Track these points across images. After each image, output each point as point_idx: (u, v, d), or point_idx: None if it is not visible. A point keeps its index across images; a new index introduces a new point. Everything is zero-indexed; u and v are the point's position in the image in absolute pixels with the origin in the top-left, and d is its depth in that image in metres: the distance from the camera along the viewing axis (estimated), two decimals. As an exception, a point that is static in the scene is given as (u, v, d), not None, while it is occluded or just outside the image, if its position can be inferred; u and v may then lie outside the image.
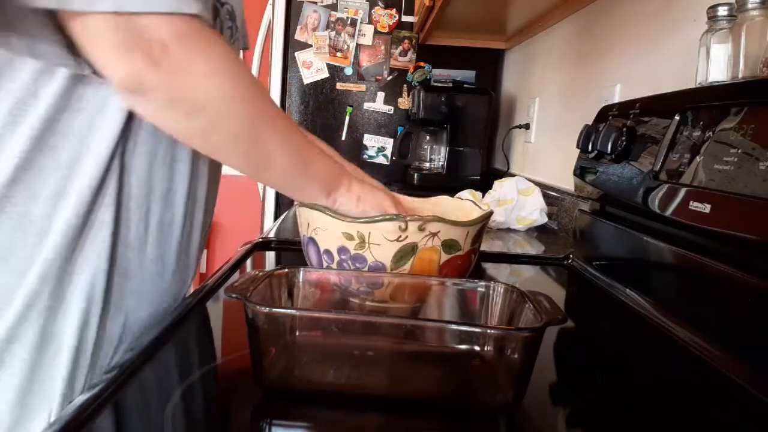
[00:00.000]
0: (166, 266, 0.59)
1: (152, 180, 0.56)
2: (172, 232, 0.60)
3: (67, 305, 0.51)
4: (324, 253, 0.61)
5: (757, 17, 0.60)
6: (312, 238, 0.62)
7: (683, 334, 0.59)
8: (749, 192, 0.51)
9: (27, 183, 0.49)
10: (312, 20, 2.19)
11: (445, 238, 0.60)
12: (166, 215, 0.58)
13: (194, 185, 0.61)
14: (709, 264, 0.56)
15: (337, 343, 0.44)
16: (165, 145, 0.56)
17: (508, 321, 0.48)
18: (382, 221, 0.58)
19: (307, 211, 0.61)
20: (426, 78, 2.23)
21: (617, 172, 0.78)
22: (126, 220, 0.55)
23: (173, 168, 0.58)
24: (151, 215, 0.57)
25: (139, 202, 0.55)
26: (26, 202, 0.49)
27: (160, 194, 0.57)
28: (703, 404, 0.48)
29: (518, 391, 0.42)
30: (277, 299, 0.49)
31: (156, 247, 0.58)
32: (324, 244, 0.61)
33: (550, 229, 1.26)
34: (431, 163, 2.11)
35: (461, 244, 0.62)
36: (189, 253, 0.63)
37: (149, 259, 0.57)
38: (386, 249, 0.58)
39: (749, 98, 0.56)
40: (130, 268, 0.56)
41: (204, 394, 0.44)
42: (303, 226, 0.64)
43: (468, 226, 0.62)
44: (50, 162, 0.50)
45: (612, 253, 0.80)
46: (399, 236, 0.58)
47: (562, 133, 1.46)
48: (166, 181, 0.58)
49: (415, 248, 0.58)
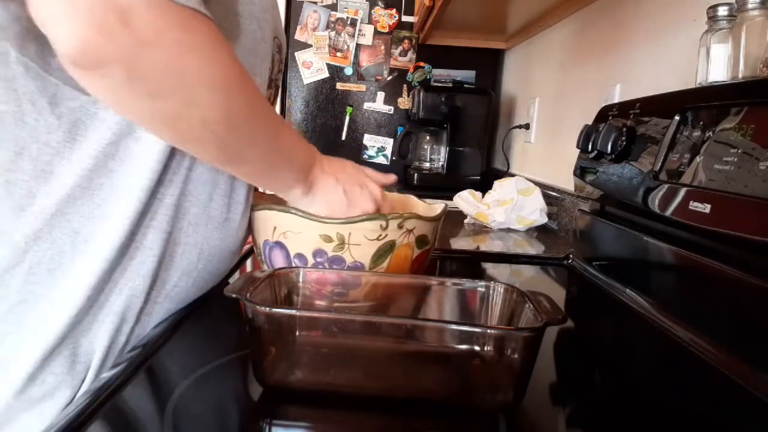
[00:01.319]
0: (203, 288, 0.60)
1: (210, 209, 0.56)
2: (222, 259, 0.60)
3: (99, 324, 0.51)
4: (295, 257, 0.59)
5: (757, 17, 0.60)
6: (279, 242, 0.60)
7: (683, 334, 0.59)
8: (749, 192, 0.51)
9: (83, 201, 0.48)
10: (312, 20, 2.19)
11: (419, 233, 0.60)
12: (222, 244, 0.58)
13: (246, 212, 0.61)
14: (709, 264, 0.56)
15: (337, 343, 0.44)
16: (226, 175, 0.56)
17: (508, 321, 0.48)
18: (362, 221, 0.57)
19: (274, 214, 0.59)
20: (426, 78, 2.23)
21: (617, 172, 0.78)
22: (177, 245, 0.54)
23: (232, 197, 0.58)
24: (205, 243, 0.56)
25: (198, 230, 0.55)
26: (80, 219, 0.48)
27: (218, 223, 0.57)
28: (703, 404, 0.48)
29: (518, 391, 0.42)
30: (277, 299, 0.49)
31: (202, 273, 0.58)
32: (296, 248, 0.59)
33: (550, 229, 1.26)
34: (431, 163, 2.11)
35: (429, 239, 0.62)
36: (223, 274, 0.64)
37: (192, 282, 0.58)
38: (366, 248, 0.58)
39: (749, 98, 0.56)
40: (174, 291, 0.56)
41: (204, 394, 0.44)
42: (266, 231, 0.61)
43: (436, 221, 0.63)
44: (107, 183, 0.49)
45: (612, 253, 0.80)
46: (379, 235, 0.58)
47: (562, 133, 1.46)
48: (225, 211, 0.57)
49: (393, 246, 0.58)
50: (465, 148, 1.95)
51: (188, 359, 0.51)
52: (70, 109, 0.47)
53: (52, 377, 0.50)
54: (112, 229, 0.49)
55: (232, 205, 0.58)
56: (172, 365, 0.49)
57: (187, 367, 0.47)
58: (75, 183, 0.48)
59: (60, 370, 0.50)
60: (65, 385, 0.50)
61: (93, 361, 0.51)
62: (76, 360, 0.51)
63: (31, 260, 0.48)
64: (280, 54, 0.66)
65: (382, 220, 0.57)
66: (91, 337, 0.51)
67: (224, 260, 0.61)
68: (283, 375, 0.44)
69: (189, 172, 0.53)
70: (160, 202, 0.52)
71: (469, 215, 1.27)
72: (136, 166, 0.49)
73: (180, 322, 0.57)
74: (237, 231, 0.60)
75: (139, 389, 0.44)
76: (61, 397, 0.50)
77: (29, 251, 0.47)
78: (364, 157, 2.26)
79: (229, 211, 0.58)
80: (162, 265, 0.53)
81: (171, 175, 0.52)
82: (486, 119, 1.95)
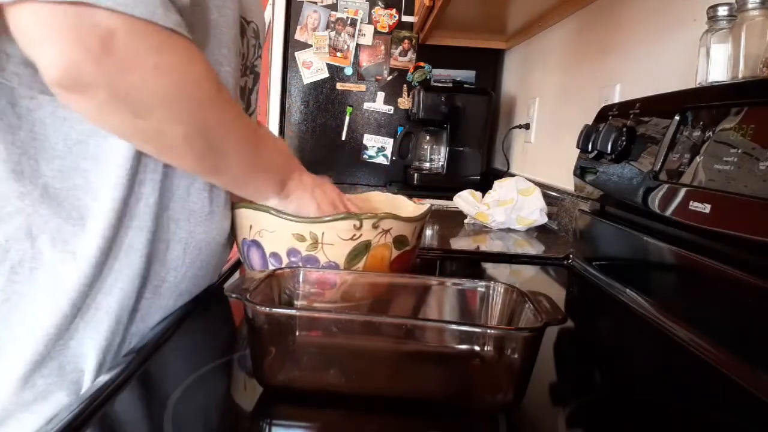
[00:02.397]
0: (196, 284, 0.60)
1: (189, 204, 0.56)
2: (212, 252, 0.60)
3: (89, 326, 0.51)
4: (270, 256, 0.59)
5: (757, 17, 0.60)
6: (255, 241, 0.60)
7: (683, 334, 0.59)
8: (749, 192, 0.51)
9: (59, 202, 0.49)
10: (312, 20, 2.19)
11: (396, 234, 0.60)
12: (207, 237, 0.58)
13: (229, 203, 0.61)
14: (709, 264, 0.56)
15: (337, 343, 0.44)
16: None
17: (508, 321, 0.48)
18: (335, 220, 0.57)
19: (250, 213, 0.60)
20: (426, 78, 2.23)
21: (617, 172, 0.78)
22: (161, 242, 0.54)
23: (212, 190, 0.58)
24: (190, 237, 0.56)
25: (180, 225, 0.55)
26: (57, 221, 0.49)
27: (202, 217, 0.57)
28: (703, 404, 0.48)
29: (518, 391, 0.42)
30: (277, 299, 0.49)
31: (191, 267, 0.58)
32: (270, 247, 0.59)
33: (550, 229, 1.26)
34: (431, 163, 2.11)
35: (410, 240, 0.62)
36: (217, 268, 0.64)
37: (182, 277, 0.58)
38: (340, 248, 0.58)
39: (749, 98, 0.56)
40: (164, 287, 0.56)
41: (204, 394, 0.44)
42: (243, 229, 0.61)
43: (416, 222, 0.62)
44: (81, 183, 0.49)
45: (612, 253, 0.80)
46: (353, 235, 0.58)
47: (562, 133, 1.46)
48: (207, 204, 0.57)
49: (368, 246, 0.58)
50: (465, 148, 1.95)
51: (188, 359, 0.51)
52: (28, 109, 0.48)
53: (42, 380, 0.50)
54: (92, 230, 0.49)
55: (213, 199, 0.58)
56: (172, 365, 0.49)
57: (187, 367, 0.47)
58: (46, 183, 0.48)
59: (49, 373, 0.50)
60: (57, 387, 0.50)
61: (87, 364, 0.51)
62: (66, 362, 0.50)
63: (12, 259, 0.48)
64: (257, 39, 0.66)
65: (355, 220, 0.57)
66: (79, 339, 0.51)
67: (214, 253, 0.61)
68: (282, 375, 0.44)
69: (166, 169, 0.53)
70: (140, 201, 0.52)
71: (469, 215, 1.27)
72: (110, 165, 0.49)
73: (179, 322, 0.57)
74: (222, 223, 0.60)
75: (138, 389, 0.44)
76: (54, 400, 0.50)
77: (11, 250, 0.48)
78: (364, 157, 2.26)
79: (212, 204, 0.58)
80: (149, 264, 0.54)
81: (148, 174, 0.52)
82: (486, 119, 1.95)
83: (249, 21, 0.63)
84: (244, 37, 0.62)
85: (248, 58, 0.65)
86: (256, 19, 0.65)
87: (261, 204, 0.59)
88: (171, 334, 0.54)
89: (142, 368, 0.47)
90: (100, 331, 0.51)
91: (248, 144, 0.55)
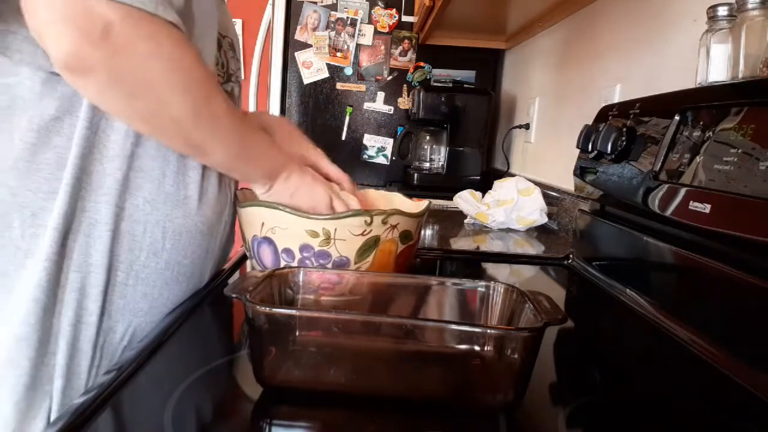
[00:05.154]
0: (182, 273, 0.60)
1: (165, 185, 0.57)
2: (193, 240, 0.60)
3: (61, 304, 0.52)
4: (283, 252, 0.61)
5: (757, 17, 0.60)
6: (267, 237, 0.61)
7: (683, 334, 0.59)
8: (749, 192, 0.51)
9: (28, 174, 0.51)
10: (312, 20, 2.19)
11: (402, 229, 0.63)
12: (186, 223, 0.59)
13: (210, 191, 0.62)
14: (709, 264, 0.56)
15: (337, 343, 0.44)
16: (176, 153, 0.57)
17: (508, 321, 0.48)
18: (348, 217, 0.59)
19: (263, 211, 0.61)
20: (426, 78, 2.23)
21: (617, 172, 0.78)
22: (137, 224, 0.55)
23: (186, 174, 0.59)
24: (168, 221, 0.57)
25: (156, 207, 0.56)
26: (25, 193, 0.51)
27: (177, 200, 0.58)
28: (703, 404, 0.48)
29: (518, 391, 0.42)
30: (277, 299, 0.49)
31: (173, 253, 0.58)
32: (283, 243, 0.61)
33: (550, 229, 1.26)
34: (431, 163, 2.11)
35: (413, 234, 0.65)
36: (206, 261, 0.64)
37: (164, 264, 0.58)
38: (351, 243, 0.60)
39: (749, 98, 0.56)
40: (144, 272, 0.56)
41: (204, 394, 0.44)
42: (254, 226, 0.63)
43: (419, 217, 0.66)
44: (51, 157, 0.51)
45: (612, 253, 0.80)
46: (364, 230, 0.60)
47: (562, 133, 1.46)
48: (182, 188, 0.58)
49: (377, 241, 0.61)
50: (465, 148, 1.95)
51: (188, 359, 0.51)
52: (7, 85, 0.50)
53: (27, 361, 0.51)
54: (59, 202, 0.51)
55: (188, 183, 0.59)
56: (172, 365, 0.49)
57: (187, 367, 0.47)
58: (17, 156, 0.51)
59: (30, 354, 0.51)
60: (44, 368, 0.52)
61: (62, 345, 0.53)
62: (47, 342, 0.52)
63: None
64: (234, 52, 0.70)
65: (366, 216, 0.60)
66: (56, 319, 0.52)
67: (196, 241, 0.61)
68: (283, 375, 0.44)
69: (135, 148, 0.55)
70: (105, 176, 0.54)
71: (469, 215, 1.27)
72: (74, 140, 0.52)
73: (179, 322, 0.57)
74: (200, 209, 0.60)
75: (138, 389, 0.44)
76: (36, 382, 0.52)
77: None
78: (364, 157, 2.26)
79: (187, 189, 0.59)
80: (123, 243, 0.55)
81: (114, 150, 0.54)
82: (486, 119, 1.95)
83: (224, 36, 0.67)
84: (221, 50, 0.66)
85: (229, 67, 0.69)
86: (230, 34, 0.70)
87: (273, 202, 0.61)
88: (171, 334, 0.54)
89: (142, 368, 0.47)
90: (73, 308, 0.53)
91: (235, 131, 0.57)
